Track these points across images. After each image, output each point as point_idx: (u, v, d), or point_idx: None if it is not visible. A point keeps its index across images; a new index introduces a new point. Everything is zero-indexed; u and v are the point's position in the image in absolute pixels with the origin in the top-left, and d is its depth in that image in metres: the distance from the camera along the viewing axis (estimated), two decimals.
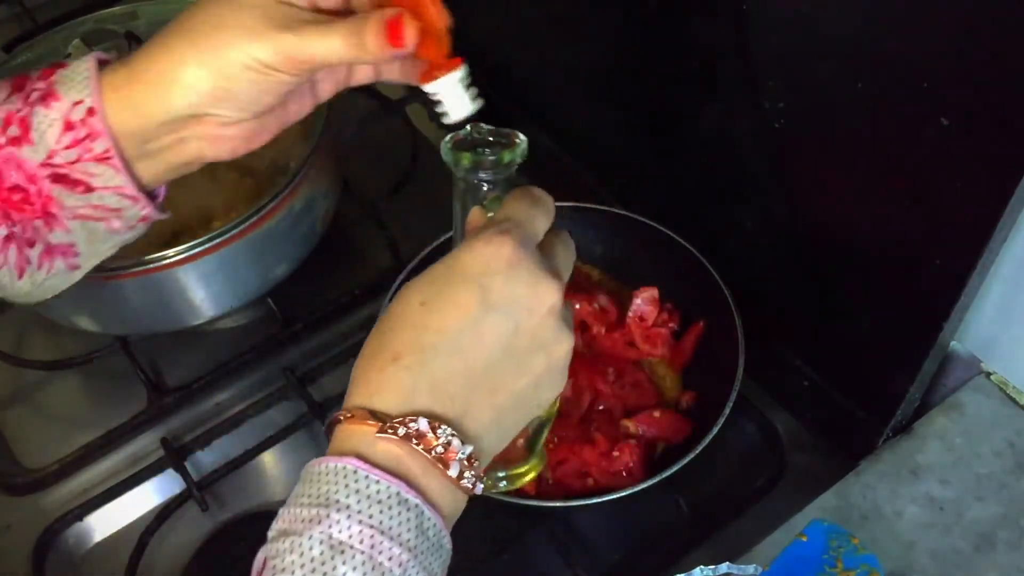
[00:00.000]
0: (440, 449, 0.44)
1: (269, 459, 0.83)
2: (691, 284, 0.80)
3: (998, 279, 0.67)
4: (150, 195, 0.57)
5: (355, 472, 0.43)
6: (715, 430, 0.70)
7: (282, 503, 0.82)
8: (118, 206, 0.56)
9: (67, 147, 0.53)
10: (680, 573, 0.60)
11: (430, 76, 0.54)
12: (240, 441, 0.83)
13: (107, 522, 0.80)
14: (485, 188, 0.53)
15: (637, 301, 0.81)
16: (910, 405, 0.73)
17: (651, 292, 0.81)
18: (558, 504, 0.69)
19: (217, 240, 0.76)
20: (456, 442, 0.44)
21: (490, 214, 0.52)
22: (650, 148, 0.86)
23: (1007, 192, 0.55)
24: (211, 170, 0.80)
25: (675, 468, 0.68)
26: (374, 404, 0.45)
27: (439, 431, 0.44)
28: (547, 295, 0.47)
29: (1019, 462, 0.71)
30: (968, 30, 0.52)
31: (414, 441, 0.43)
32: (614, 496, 0.68)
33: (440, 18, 0.53)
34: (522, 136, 0.54)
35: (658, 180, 0.87)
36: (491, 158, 0.52)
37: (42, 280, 0.59)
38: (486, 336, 0.45)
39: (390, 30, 0.50)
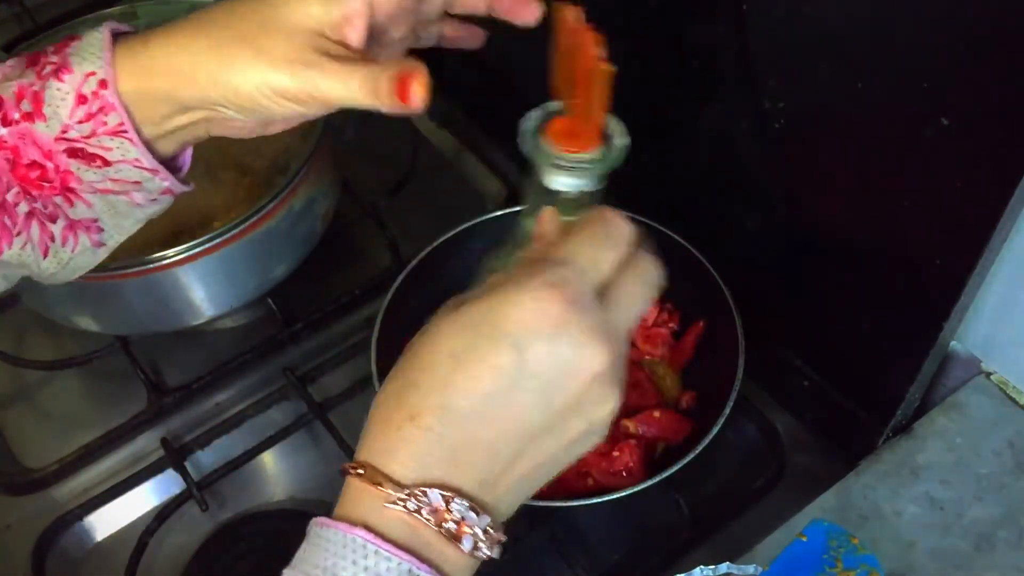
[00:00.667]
0: (452, 525, 0.41)
1: (269, 459, 0.83)
2: (691, 284, 0.80)
3: (998, 279, 0.67)
4: (172, 168, 0.57)
5: (364, 547, 0.40)
6: (715, 430, 0.70)
7: (282, 503, 0.83)
8: (138, 179, 0.55)
9: (80, 121, 0.53)
10: (680, 573, 0.60)
11: (571, 144, 0.46)
12: (240, 441, 0.83)
13: (107, 522, 0.80)
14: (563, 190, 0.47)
15: None
16: (910, 405, 0.73)
17: None
18: (558, 504, 0.69)
19: (217, 240, 0.76)
20: (471, 515, 0.41)
21: (565, 218, 0.46)
22: (650, 148, 0.86)
23: (1007, 192, 0.55)
24: (211, 169, 0.80)
25: (675, 468, 0.68)
26: (386, 464, 0.41)
27: (452, 504, 0.41)
28: (593, 360, 0.42)
29: (1019, 462, 0.71)
30: (968, 30, 0.52)
31: (425, 515, 0.41)
32: (614, 496, 0.68)
33: (597, 70, 0.45)
34: (620, 133, 0.47)
35: (658, 180, 0.86)
36: (581, 164, 0.46)
37: (67, 259, 0.58)
38: (517, 405, 0.42)
39: (399, 86, 0.49)
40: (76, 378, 0.89)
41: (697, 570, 0.60)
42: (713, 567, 0.61)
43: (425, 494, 0.41)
